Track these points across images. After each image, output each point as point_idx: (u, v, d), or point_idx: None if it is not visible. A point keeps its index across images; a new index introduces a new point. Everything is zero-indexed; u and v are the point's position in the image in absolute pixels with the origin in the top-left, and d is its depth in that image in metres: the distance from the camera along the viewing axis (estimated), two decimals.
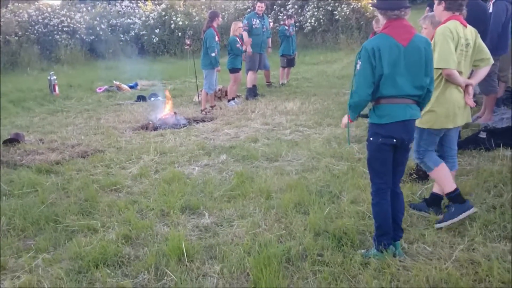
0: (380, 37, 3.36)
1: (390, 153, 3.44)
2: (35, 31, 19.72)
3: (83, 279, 3.55)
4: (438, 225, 3.98)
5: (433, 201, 4.32)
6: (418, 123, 3.97)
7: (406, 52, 3.30)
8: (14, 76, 16.23)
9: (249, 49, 10.44)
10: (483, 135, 6.04)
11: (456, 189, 3.99)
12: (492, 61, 4.13)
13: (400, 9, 3.33)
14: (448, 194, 4.00)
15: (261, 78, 12.07)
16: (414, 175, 5.12)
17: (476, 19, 4.38)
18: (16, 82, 14.40)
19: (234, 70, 10.08)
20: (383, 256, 3.49)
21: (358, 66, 3.37)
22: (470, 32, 3.98)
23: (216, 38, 9.28)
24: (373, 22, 9.12)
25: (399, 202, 3.63)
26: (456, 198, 3.96)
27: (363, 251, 3.66)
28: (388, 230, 3.51)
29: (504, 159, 5.42)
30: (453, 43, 3.81)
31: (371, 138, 3.46)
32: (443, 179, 4.01)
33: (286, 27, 12.10)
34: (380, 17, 3.47)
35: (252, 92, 10.70)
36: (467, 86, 3.99)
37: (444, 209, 4.21)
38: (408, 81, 3.33)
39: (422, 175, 5.07)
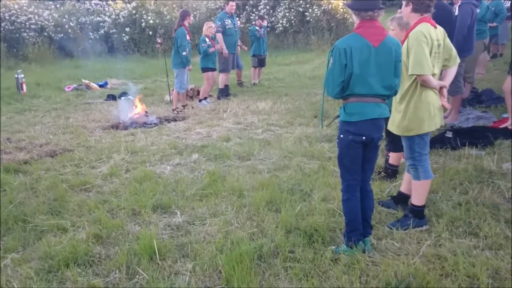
0: (352, 37, 3.43)
1: (359, 151, 3.52)
2: (2, 29, 19.18)
3: (53, 278, 3.50)
4: (389, 227, 4.07)
5: (400, 199, 4.42)
6: (404, 133, 4.01)
7: (377, 53, 3.37)
8: None
9: (225, 51, 10.45)
10: (449, 134, 6.21)
11: (423, 206, 4.08)
12: (458, 60, 4.21)
13: (373, 10, 3.38)
14: (414, 206, 4.08)
15: (233, 77, 12.09)
16: (382, 173, 5.23)
17: (442, 21, 4.45)
18: None
19: (206, 69, 10.05)
20: (353, 252, 3.56)
21: (330, 63, 3.43)
22: (440, 32, 4.00)
23: (188, 37, 9.25)
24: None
25: (368, 199, 3.70)
26: (419, 213, 4.06)
27: (333, 247, 3.73)
28: (358, 226, 3.59)
29: (469, 157, 5.58)
30: (428, 48, 3.81)
31: (342, 136, 3.53)
32: (422, 193, 4.07)
33: (257, 28, 12.12)
34: (354, 17, 3.53)
35: (224, 92, 10.70)
36: (441, 88, 4.00)
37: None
38: (378, 81, 3.40)
39: (391, 173, 5.18)
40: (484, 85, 9.40)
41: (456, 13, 6.88)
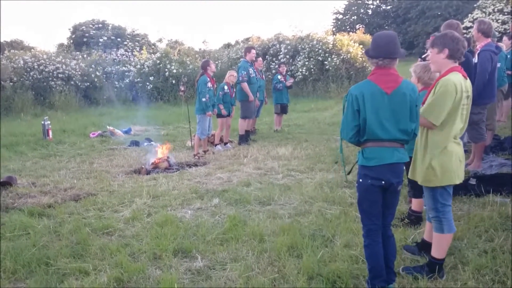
0: (365, 84, 3.51)
1: (379, 195, 3.52)
2: (30, 77, 19.93)
3: None
4: (403, 271, 4.01)
5: (424, 247, 4.33)
6: (428, 184, 3.90)
7: (390, 100, 3.41)
8: (7, 121, 16.28)
9: (251, 97, 10.76)
10: (473, 181, 6.13)
11: (443, 260, 3.97)
12: None
13: (385, 58, 3.46)
14: (433, 258, 3.97)
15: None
16: (406, 220, 5.16)
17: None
18: (9, 126, 14.44)
19: (220, 115, 10.23)
20: None
21: (345, 108, 3.52)
22: (469, 84, 3.93)
23: (209, 84, 9.46)
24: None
25: (390, 245, 3.66)
26: (438, 266, 3.94)
27: None
28: (381, 272, 3.53)
29: (494, 204, 5.48)
30: (453, 102, 3.73)
31: (361, 180, 3.55)
32: (443, 246, 3.96)
33: (280, 78, 12.27)
34: (369, 63, 3.62)
35: (245, 138, 10.83)
36: None
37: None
38: (394, 126, 3.44)
39: (414, 220, 5.11)
40: (506, 132, 9.33)
41: (475, 60, 6.93)
